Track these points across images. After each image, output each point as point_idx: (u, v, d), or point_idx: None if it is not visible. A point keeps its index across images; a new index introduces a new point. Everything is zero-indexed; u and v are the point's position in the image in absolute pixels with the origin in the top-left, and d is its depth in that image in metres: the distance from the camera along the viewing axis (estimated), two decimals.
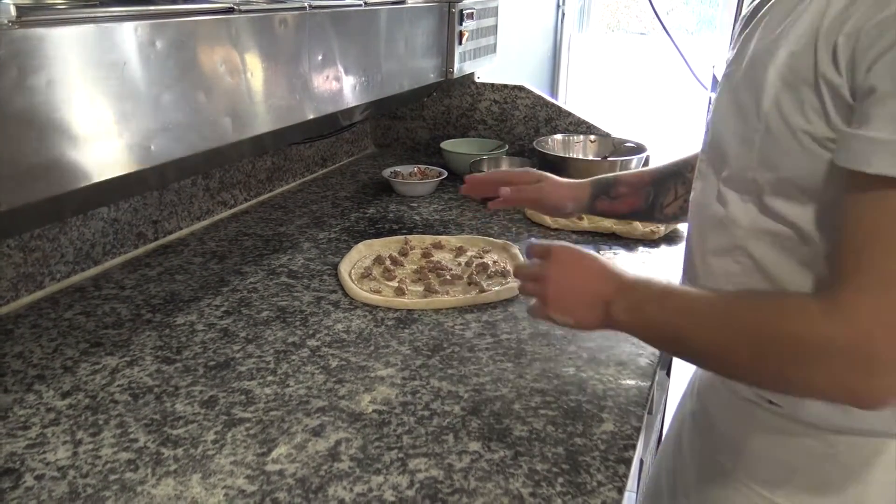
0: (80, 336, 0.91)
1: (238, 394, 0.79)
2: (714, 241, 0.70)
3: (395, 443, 0.71)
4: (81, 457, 0.69)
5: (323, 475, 0.67)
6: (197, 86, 0.82)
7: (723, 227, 0.69)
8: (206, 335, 0.92)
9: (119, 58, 0.72)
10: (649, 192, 0.96)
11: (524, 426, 0.74)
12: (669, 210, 0.96)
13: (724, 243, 0.69)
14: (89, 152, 0.69)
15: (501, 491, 0.65)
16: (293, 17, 0.96)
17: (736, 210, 0.67)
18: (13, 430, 0.72)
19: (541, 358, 0.88)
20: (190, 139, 0.83)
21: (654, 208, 0.96)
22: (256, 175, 1.44)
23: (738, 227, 0.67)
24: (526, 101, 1.72)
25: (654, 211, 0.97)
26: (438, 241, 1.22)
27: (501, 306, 1.02)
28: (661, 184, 0.96)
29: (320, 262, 1.16)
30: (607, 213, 1.00)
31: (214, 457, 0.69)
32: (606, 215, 1.02)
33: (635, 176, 0.99)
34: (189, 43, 0.81)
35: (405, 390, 0.80)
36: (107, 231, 1.11)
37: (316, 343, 0.90)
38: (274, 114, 0.97)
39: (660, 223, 1.23)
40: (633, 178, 0.99)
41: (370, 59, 1.18)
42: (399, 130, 1.87)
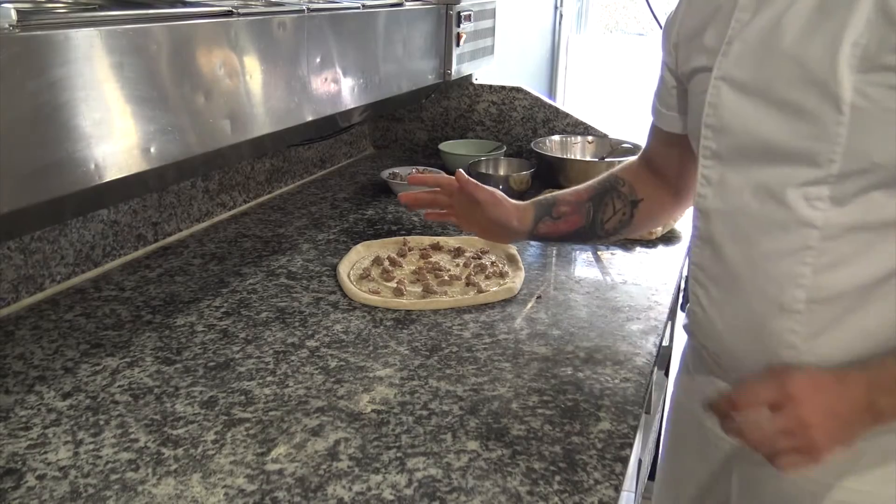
0: (80, 337, 0.91)
1: (238, 394, 0.80)
2: (771, 244, 0.68)
3: (393, 442, 0.72)
4: (82, 457, 0.69)
5: (322, 474, 0.67)
6: (197, 88, 0.83)
7: (785, 229, 0.66)
8: (205, 336, 0.92)
9: (119, 61, 0.72)
10: (588, 208, 0.95)
11: (522, 425, 0.75)
12: (609, 225, 0.95)
13: (789, 246, 0.66)
14: (91, 154, 0.69)
15: (499, 489, 0.66)
16: (291, 20, 0.97)
17: (808, 211, 0.65)
18: (14, 431, 0.73)
19: (538, 358, 0.88)
20: (189, 141, 0.84)
21: (595, 225, 0.95)
22: (255, 177, 1.45)
23: (810, 228, 0.65)
24: (524, 103, 1.73)
25: (595, 228, 0.95)
26: (437, 242, 1.23)
27: (499, 306, 1.02)
28: (599, 199, 0.95)
29: (319, 263, 1.17)
30: (551, 234, 0.97)
31: (214, 456, 0.69)
32: (549, 238, 0.98)
33: (573, 194, 0.97)
34: (188, 46, 0.81)
35: (404, 390, 0.81)
36: (106, 233, 1.11)
37: (315, 344, 0.91)
38: (273, 116, 0.98)
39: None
40: (572, 197, 0.97)
41: (368, 61, 1.18)
42: (397, 132, 1.88)
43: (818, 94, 0.62)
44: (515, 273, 1.11)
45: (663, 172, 0.94)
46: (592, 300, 1.05)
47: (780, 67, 0.65)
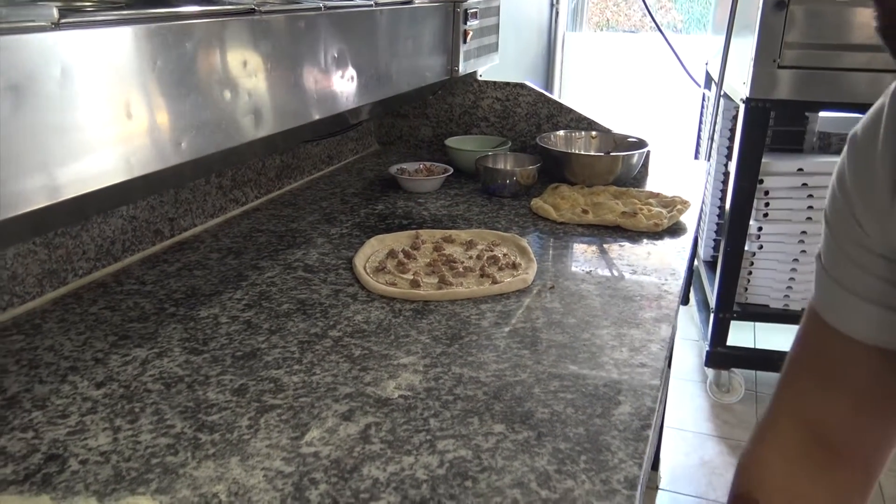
0: (107, 329, 0.93)
1: (267, 382, 0.82)
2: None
3: (422, 426, 0.74)
4: (122, 442, 0.71)
5: (356, 456, 0.69)
6: (222, 85, 0.85)
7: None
8: (230, 327, 0.94)
9: (151, 58, 0.74)
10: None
11: (545, 409, 0.77)
12: None
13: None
14: (122, 150, 0.71)
15: (528, 468, 0.68)
16: (310, 18, 0.99)
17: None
18: (53, 419, 0.75)
19: (556, 345, 0.91)
20: (216, 137, 0.86)
21: None
22: (266, 173, 1.47)
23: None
24: (528, 99, 1.75)
25: None
26: (449, 235, 1.25)
27: (514, 297, 1.05)
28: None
29: (334, 256, 1.19)
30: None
31: (250, 441, 0.72)
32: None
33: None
34: (214, 43, 0.83)
35: (428, 377, 0.83)
36: (126, 228, 1.13)
37: (338, 333, 0.93)
38: (292, 112, 1.00)
39: None
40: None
41: (381, 58, 1.21)
42: (402, 128, 1.90)
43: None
44: (528, 264, 1.14)
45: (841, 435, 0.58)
46: (605, 290, 1.07)
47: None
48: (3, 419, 0.75)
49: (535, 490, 0.65)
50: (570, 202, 1.41)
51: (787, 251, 2.32)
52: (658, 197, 1.45)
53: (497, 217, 1.39)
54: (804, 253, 2.31)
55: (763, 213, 2.28)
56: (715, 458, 2.23)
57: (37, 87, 0.63)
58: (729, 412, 2.45)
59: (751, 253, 2.35)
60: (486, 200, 1.49)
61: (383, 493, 0.64)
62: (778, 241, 2.32)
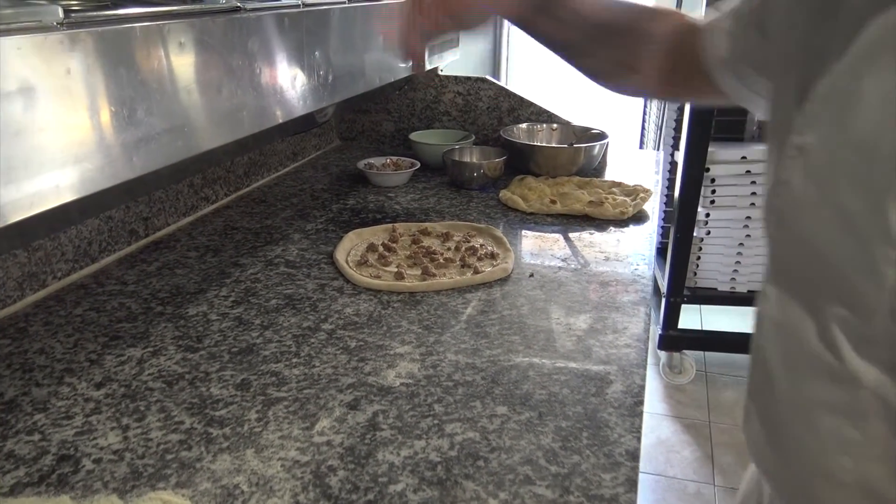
0: (96, 330, 0.93)
1: (268, 376, 0.83)
2: (819, 392, 0.51)
3: (428, 411, 0.77)
4: (133, 440, 0.72)
5: (368, 443, 0.72)
6: (207, 85, 0.85)
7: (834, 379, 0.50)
8: (221, 324, 0.95)
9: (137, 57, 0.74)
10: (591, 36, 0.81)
11: (543, 390, 0.81)
12: (590, 64, 0.83)
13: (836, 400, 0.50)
14: (126, 150, 0.72)
15: (535, 446, 0.71)
16: (292, 16, 0.99)
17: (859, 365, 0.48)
18: (58, 420, 0.75)
19: (544, 330, 0.95)
20: (197, 138, 0.86)
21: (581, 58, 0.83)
22: (235, 170, 1.46)
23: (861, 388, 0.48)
24: (489, 93, 1.79)
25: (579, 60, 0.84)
26: (424, 228, 1.27)
27: (497, 285, 1.08)
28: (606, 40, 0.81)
29: (314, 251, 1.20)
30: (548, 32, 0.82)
31: (262, 433, 0.73)
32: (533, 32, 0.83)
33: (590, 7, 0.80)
34: (202, 42, 0.83)
35: (426, 364, 0.86)
36: (102, 229, 1.12)
37: (330, 326, 0.95)
38: (270, 111, 1.00)
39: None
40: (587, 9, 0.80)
41: (354, 56, 1.22)
42: (364, 124, 1.91)
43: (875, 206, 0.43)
44: (505, 254, 1.17)
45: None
46: (581, 277, 1.12)
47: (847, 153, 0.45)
48: (5, 423, 0.74)
49: (545, 466, 0.69)
50: (537, 193, 1.45)
51: (733, 236, 2.43)
52: (620, 186, 1.50)
53: (468, 209, 1.42)
54: (749, 237, 2.42)
55: (710, 200, 2.38)
56: (671, 436, 2.32)
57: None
58: (682, 392, 2.54)
59: (699, 239, 2.45)
60: (454, 193, 1.52)
61: (401, 476, 0.67)
62: (724, 227, 2.43)
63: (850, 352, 0.48)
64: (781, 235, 0.54)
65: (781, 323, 0.55)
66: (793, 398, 0.55)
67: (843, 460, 0.51)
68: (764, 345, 0.57)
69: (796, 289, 0.53)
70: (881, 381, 0.47)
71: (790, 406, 0.55)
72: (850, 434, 0.50)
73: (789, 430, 0.56)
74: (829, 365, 0.50)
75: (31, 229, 0.85)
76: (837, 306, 0.48)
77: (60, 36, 0.64)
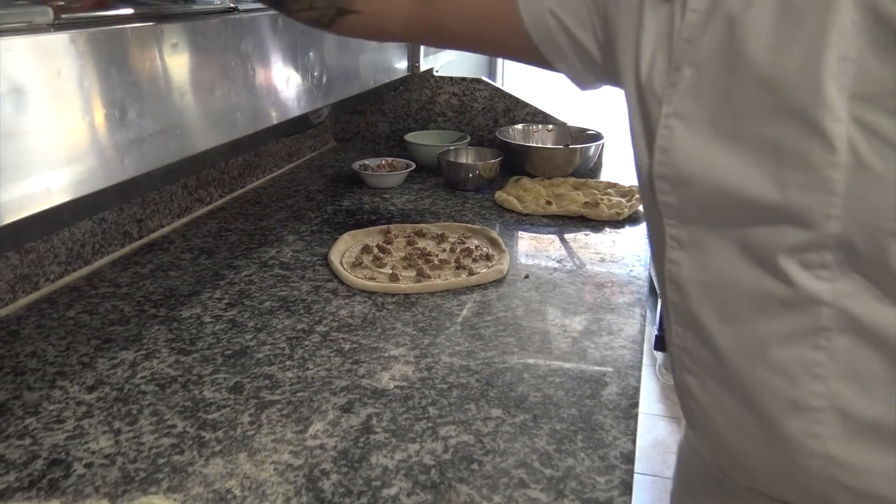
0: (88, 333, 0.92)
1: (262, 378, 0.83)
2: (771, 326, 0.53)
3: (422, 414, 0.77)
4: (125, 444, 0.71)
5: (362, 446, 0.71)
6: (202, 86, 0.85)
7: (787, 306, 0.52)
8: (215, 326, 0.94)
9: (142, 59, 0.74)
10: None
11: (538, 392, 0.81)
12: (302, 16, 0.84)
13: (795, 327, 0.52)
14: (120, 151, 0.71)
15: (529, 449, 0.71)
16: (283, 18, 0.99)
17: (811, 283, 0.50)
18: (49, 424, 0.74)
19: (539, 331, 0.94)
20: (193, 139, 0.85)
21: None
22: (230, 172, 1.46)
23: (819, 305, 0.50)
24: (484, 94, 1.78)
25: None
26: (420, 229, 1.27)
27: (492, 287, 1.08)
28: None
29: (308, 253, 1.19)
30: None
31: (255, 436, 0.72)
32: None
33: None
34: (197, 43, 0.83)
35: (420, 367, 0.85)
36: (95, 231, 1.11)
37: (324, 329, 0.94)
38: (265, 112, 1.00)
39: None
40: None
41: (349, 57, 1.21)
42: (359, 125, 1.91)
43: (800, 127, 0.47)
44: (501, 255, 1.17)
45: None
46: (576, 278, 1.11)
47: (746, 94, 0.50)
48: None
49: (539, 469, 0.68)
50: (532, 194, 1.45)
51: None
52: (616, 187, 1.50)
53: (463, 210, 1.42)
54: None
55: None
56: (668, 437, 2.31)
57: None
58: None
59: None
60: (450, 194, 1.52)
61: (394, 480, 0.66)
62: None
63: (803, 274, 0.50)
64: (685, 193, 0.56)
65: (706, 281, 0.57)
66: (742, 346, 0.55)
67: (812, 385, 0.52)
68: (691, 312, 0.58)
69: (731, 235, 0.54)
70: (839, 291, 0.49)
71: (741, 355, 0.55)
72: (814, 356, 0.51)
73: (747, 381, 0.56)
74: (780, 296, 0.51)
75: (23, 231, 0.85)
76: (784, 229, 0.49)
77: (51, 37, 0.64)
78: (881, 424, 0.51)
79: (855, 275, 0.48)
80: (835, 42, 0.45)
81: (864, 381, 0.50)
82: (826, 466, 0.53)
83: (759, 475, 0.60)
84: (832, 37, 0.45)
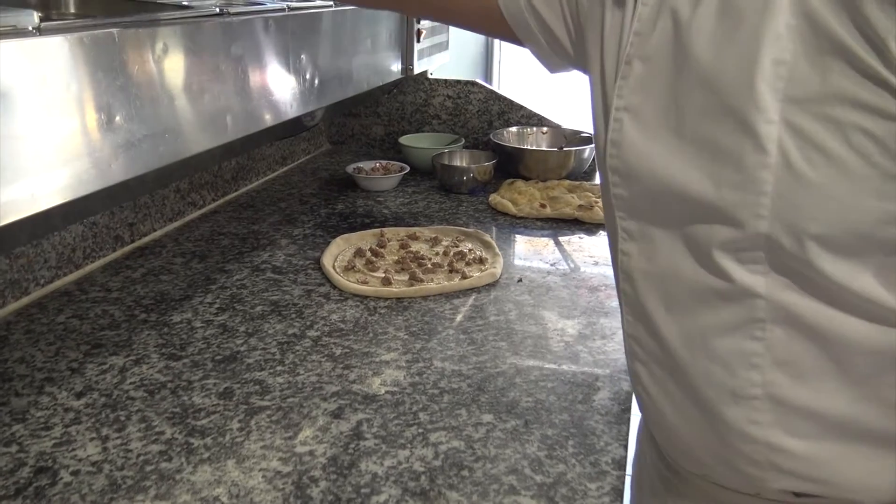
0: (78, 339, 0.91)
1: (252, 384, 0.82)
2: (711, 317, 0.54)
3: (413, 420, 0.76)
4: (112, 451, 0.70)
5: (352, 453, 0.71)
6: (192, 89, 0.84)
7: (724, 298, 0.53)
8: (205, 331, 0.94)
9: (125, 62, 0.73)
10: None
11: (529, 397, 0.80)
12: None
13: (732, 318, 0.53)
14: (112, 154, 0.70)
15: (520, 455, 0.71)
16: (277, 20, 0.99)
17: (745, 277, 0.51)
18: (36, 431, 0.73)
19: (531, 336, 0.94)
20: (184, 142, 0.85)
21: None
22: (223, 175, 1.45)
23: (754, 297, 0.51)
24: (479, 96, 1.78)
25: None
26: (413, 233, 1.27)
27: (484, 291, 1.07)
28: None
29: (301, 257, 1.19)
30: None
31: (244, 443, 0.72)
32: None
33: None
34: (188, 46, 0.83)
35: (411, 372, 0.85)
36: (86, 235, 1.11)
37: (316, 333, 0.94)
38: (256, 114, 0.99)
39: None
40: None
41: (342, 59, 1.21)
42: (354, 127, 1.90)
43: (734, 127, 0.47)
44: (494, 259, 1.16)
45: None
46: (570, 281, 1.11)
47: (689, 92, 0.50)
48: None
49: (530, 475, 0.68)
50: (527, 197, 1.44)
51: None
52: None
53: (457, 213, 1.41)
54: None
55: None
56: None
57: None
58: None
59: None
60: (444, 197, 1.51)
61: (384, 487, 0.66)
62: None
63: (737, 269, 0.51)
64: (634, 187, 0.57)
65: (653, 273, 0.58)
66: (685, 336, 0.57)
67: (750, 374, 0.53)
68: (640, 302, 0.60)
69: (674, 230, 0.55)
70: (771, 284, 0.50)
71: (684, 344, 0.57)
72: (751, 347, 0.53)
73: (689, 369, 0.57)
74: (718, 289, 0.53)
75: (11, 236, 0.84)
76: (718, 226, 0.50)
77: (37, 41, 0.63)
78: (814, 410, 0.52)
79: (784, 271, 0.50)
80: (770, 45, 0.45)
81: (797, 369, 0.52)
82: (765, 452, 0.55)
83: (703, 461, 0.61)
84: (768, 39, 0.45)
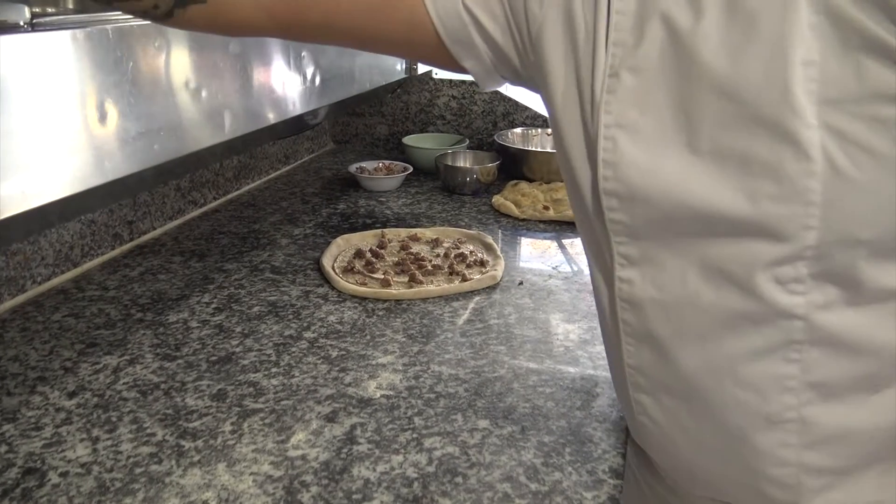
0: (73, 337, 0.91)
1: (246, 386, 0.81)
2: (740, 344, 0.51)
3: (407, 424, 0.75)
4: (102, 453, 0.70)
5: (344, 458, 0.70)
6: (193, 86, 0.84)
7: (756, 322, 0.50)
8: (201, 332, 0.93)
9: (119, 59, 0.72)
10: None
11: (526, 403, 0.79)
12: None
13: (766, 343, 0.50)
14: (105, 152, 0.70)
15: (515, 462, 0.69)
16: None
17: (784, 298, 0.48)
18: (26, 431, 0.72)
19: (531, 340, 0.92)
20: (176, 142, 0.84)
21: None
22: (224, 174, 1.45)
23: (791, 319, 0.49)
24: (484, 97, 1.77)
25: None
26: (414, 234, 1.25)
27: (484, 293, 1.06)
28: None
29: (300, 257, 1.18)
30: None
31: (235, 446, 0.71)
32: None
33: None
34: (177, 45, 0.82)
35: (408, 375, 0.84)
36: (84, 233, 1.10)
37: (312, 335, 0.93)
38: (259, 113, 0.99)
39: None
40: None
41: (345, 58, 1.20)
42: (358, 127, 1.89)
43: (769, 136, 0.44)
44: (495, 261, 1.15)
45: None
46: (572, 285, 1.09)
47: (703, 103, 0.47)
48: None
49: (525, 483, 0.66)
50: (530, 198, 1.43)
51: None
52: None
53: (459, 214, 1.40)
54: None
55: None
56: None
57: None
58: None
59: None
60: (447, 198, 1.50)
61: (376, 493, 0.65)
62: None
63: (775, 290, 0.48)
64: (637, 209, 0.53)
65: (664, 301, 0.54)
66: (708, 365, 0.53)
67: (784, 398, 0.51)
68: (648, 331, 0.56)
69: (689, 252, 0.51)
70: (811, 303, 0.48)
71: (706, 373, 0.53)
72: (785, 370, 0.50)
73: (713, 398, 0.54)
74: (749, 313, 0.50)
75: (7, 233, 0.83)
76: (754, 243, 0.47)
77: (28, 36, 0.62)
78: (847, 428, 0.51)
79: (828, 285, 0.47)
80: (797, 46, 0.43)
81: (832, 388, 0.50)
82: (796, 474, 0.53)
83: (719, 486, 0.59)
84: (794, 41, 0.43)
